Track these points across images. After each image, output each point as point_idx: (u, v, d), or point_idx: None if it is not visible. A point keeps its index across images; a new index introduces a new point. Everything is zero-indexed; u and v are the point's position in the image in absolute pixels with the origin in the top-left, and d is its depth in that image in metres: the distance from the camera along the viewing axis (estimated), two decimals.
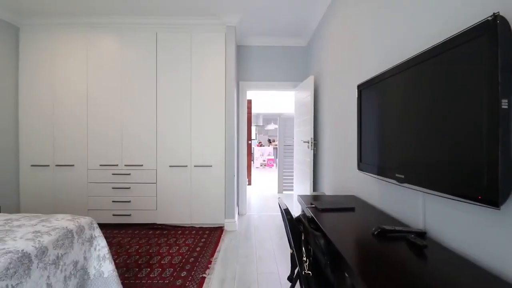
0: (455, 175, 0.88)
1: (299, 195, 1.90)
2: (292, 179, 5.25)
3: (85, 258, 1.55)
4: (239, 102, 3.78)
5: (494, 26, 0.74)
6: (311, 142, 2.94)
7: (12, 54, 3.08)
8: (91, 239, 1.60)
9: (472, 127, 0.81)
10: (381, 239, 1.12)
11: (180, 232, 2.96)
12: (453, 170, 0.89)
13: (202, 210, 3.12)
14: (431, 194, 1.05)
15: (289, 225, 1.16)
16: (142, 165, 3.11)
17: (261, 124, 11.50)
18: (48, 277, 1.26)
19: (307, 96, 3.08)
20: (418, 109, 1.08)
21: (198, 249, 2.52)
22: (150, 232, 2.95)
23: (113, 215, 3.11)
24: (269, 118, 12.69)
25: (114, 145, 3.12)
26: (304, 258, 1.14)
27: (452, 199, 0.90)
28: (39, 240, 1.27)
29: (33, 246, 1.21)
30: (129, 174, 3.11)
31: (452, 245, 1.03)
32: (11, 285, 1.07)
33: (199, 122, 3.11)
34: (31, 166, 3.14)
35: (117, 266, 1.99)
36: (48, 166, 3.13)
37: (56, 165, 3.12)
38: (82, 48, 3.12)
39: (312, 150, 2.95)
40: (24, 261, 1.15)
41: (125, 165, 3.11)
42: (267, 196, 5.09)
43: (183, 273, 2.07)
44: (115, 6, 2.86)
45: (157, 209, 3.12)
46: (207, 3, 2.78)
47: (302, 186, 3.29)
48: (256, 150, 10.23)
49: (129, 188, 3.11)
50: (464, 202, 0.87)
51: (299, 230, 1.22)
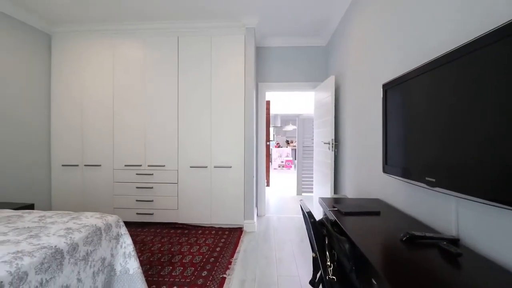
0: (494, 179, 0.82)
1: (321, 198, 1.86)
2: (312, 181, 5.17)
3: (112, 255, 1.61)
4: (258, 104, 3.78)
5: None
6: (332, 144, 2.87)
7: (45, 61, 3.29)
8: (118, 237, 1.66)
9: None
10: (411, 246, 1.06)
11: (200, 232, 3.00)
12: (492, 174, 0.83)
13: (222, 211, 3.14)
14: (466, 199, 0.98)
15: (313, 229, 1.13)
16: (164, 166, 3.20)
17: (279, 125, 11.44)
18: (79, 273, 1.32)
19: (328, 97, 3.02)
20: (454, 108, 1.02)
21: (218, 249, 2.55)
22: (172, 231, 3.02)
23: (137, 214, 3.22)
24: (287, 119, 12.61)
25: (138, 146, 3.23)
26: (328, 263, 1.11)
27: (491, 205, 0.84)
28: (71, 237, 1.33)
29: (65, 243, 1.28)
30: (152, 174, 3.21)
31: (490, 254, 0.96)
32: (45, 279, 1.14)
33: (219, 124, 3.15)
34: (62, 166, 3.32)
35: (141, 264, 2.05)
36: (77, 166, 3.30)
37: (85, 165, 3.28)
38: (109, 54, 3.26)
39: (333, 152, 2.89)
40: (57, 257, 1.21)
41: (148, 166, 3.21)
42: (286, 198, 5.05)
43: (204, 273, 2.09)
44: (139, 13, 2.97)
45: (178, 209, 3.19)
46: (227, 6, 2.81)
47: (322, 188, 3.23)
48: (274, 151, 10.19)
49: (152, 188, 3.20)
50: (504, 209, 0.81)
51: (323, 234, 1.20)
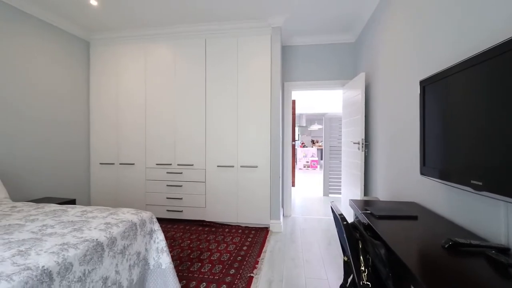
0: None
1: (352, 200, 1.79)
2: (339, 182, 5.03)
3: (146, 250, 1.68)
4: (284, 103, 3.75)
5: None
6: (362, 144, 2.77)
7: (84, 66, 3.54)
8: (151, 232, 1.73)
9: None
10: (454, 253, 0.99)
11: (227, 230, 3.04)
12: None
13: (248, 210, 3.16)
14: None
15: (346, 232, 1.10)
16: (193, 165, 3.29)
17: (304, 125, 11.27)
18: (117, 265, 1.40)
19: (357, 95, 2.91)
20: (508, 104, 0.93)
21: (245, 248, 2.56)
22: (200, 229, 3.10)
23: (167, 211, 3.35)
24: (313, 118, 12.39)
25: (168, 146, 3.35)
26: (362, 268, 1.07)
27: None
28: (110, 231, 1.41)
29: (105, 236, 1.36)
30: (181, 173, 3.31)
31: None
32: (88, 270, 1.22)
33: (245, 124, 3.17)
34: (100, 164, 3.55)
35: (172, 259, 2.12)
36: (113, 164, 3.51)
37: (120, 164, 3.48)
38: (141, 57, 3.43)
39: (363, 152, 2.78)
40: (98, 249, 1.29)
41: (178, 165, 3.32)
42: (312, 199, 4.96)
43: (232, 271, 2.12)
44: (169, 17, 3.08)
45: (206, 207, 3.26)
46: (253, 7, 2.82)
47: (351, 190, 3.12)
48: (299, 151, 10.06)
49: (181, 186, 3.31)
50: None
51: (356, 238, 1.15)
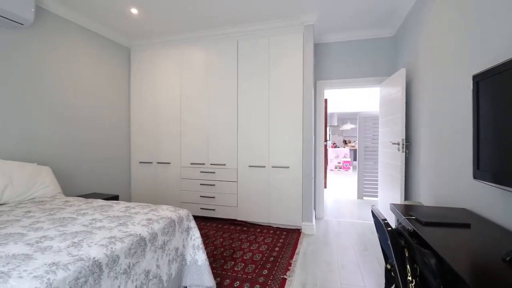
0: None
1: (393, 204, 1.69)
2: (375, 184, 4.79)
3: (184, 246, 1.74)
4: (316, 102, 3.67)
5: None
6: (402, 144, 2.60)
7: (126, 71, 3.78)
8: (188, 230, 1.79)
9: None
10: None
11: (259, 230, 3.05)
12: None
13: (279, 211, 3.14)
14: None
15: (391, 239, 1.03)
16: (225, 165, 3.35)
17: (336, 124, 10.93)
18: (157, 259, 1.47)
19: (397, 92, 2.74)
20: None
21: (277, 249, 2.55)
22: (232, 227, 3.15)
23: (200, 209, 3.45)
24: (345, 118, 11.98)
25: (202, 146, 3.45)
26: (409, 278, 0.99)
27: None
28: (151, 227, 1.49)
29: (147, 232, 1.43)
30: (214, 173, 3.39)
31: None
32: (132, 263, 1.29)
33: (277, 124, 3.15)
34: (139, 163, 3.77)
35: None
36: (151, 163, 3.70)
37: (157, 162, 3.66)
38: (176, 61, 3.57)
39: (404, 153, 2.61)
40: (141, 244, 1.36)
41: (211, 164, 3.41)
42: (345, 201, 4.79)
43: (265, 271, 2.11)
44: (203, 22, 3.16)
45: (238, 206, 3.30)
46: (286, 6, 2.79)
47: (389, 193, 2.95)
48: (330, 152, 9.78)
49: (214, 185, 3.39)
50: None
51: (402, 245, 1.08)
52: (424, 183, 2.35)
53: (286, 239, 2.82)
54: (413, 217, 1.41)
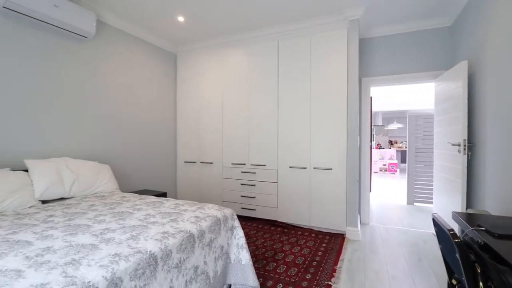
0: None
1: (456, 213, 1.51)
2: (428, 189, 4.38)
3: (228, 244, 1.78)
4: (361, 101, 3.47)
5: None
6: (464, 145, 2.32)
7: (172, 76, 4.02)
8: (232, 229, 1.83)
9: None
10: None
11: (300, 233, 2.99)
12: None
13: (321, 214, 3.04)
14: None
15: (460, 252, 0.91)
16: (265, 165, 3.36)
17: (381, 124, 10.26)
18: (205, 256, 1.52)
19: (457, 87, 2.46)
20: None
21: (320, 254, 2.46)
22: (272, 228, 3.14)
23: (241, 208, 3.50)
24: (391, 117, 11.20)
25: (242, 146, 3.51)
26: None
27: None
28: (199, 224, 1.54)
29: (196, 229, 1.49)
30: (254, 173, 3.42)
31: None
32: (183, 258, 1.35)
33: (319, 124, 3.06)
34: (184, 162, 3.98)
35: None
36: (195, 163, 3.88)
37: (201, 162, 3.82)
38: (217, 64, 3.69)
39: (466, 155, 2.33)
40: (191, 240, 1.42)
41: (251, 164, 3.44)
42: (392, 207, 4.45)
43: (308, 276, 2.06)
44: (244, 24, 3.21)
45: (278, 207, 3.28)
46: (328, 2, 2.69)
47: (448, 200, 2.66)
48: (375, 153, 9.21)
49: (254, 185, 3.42)
50: None
51: (472, 259, 0.95)
52: (491, 190, 2.07)
53: (329, 244, 2.71)
54: (483, 228, 1.24)
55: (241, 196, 3.51)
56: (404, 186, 4.76)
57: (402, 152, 9.97)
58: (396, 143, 10.78)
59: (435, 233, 1.28)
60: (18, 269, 0.96)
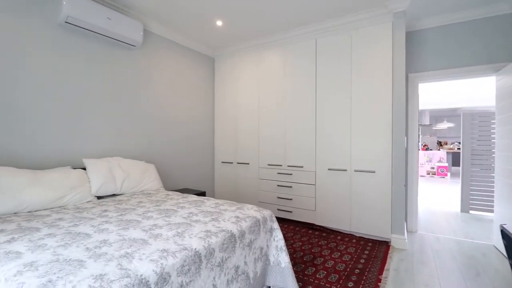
0: None
1: None
2: (487, 196, 3.92)
3: (267, 246, 1.77)
4: (408, 99, 3.22)
5: None
6: None
7: (211, 79, 4.15)
8: (271, 230, 1.81)
9: None
10: None
11: (340, 238, 2.87)
12: None
13: (363, 219, 2.88)
14: None
15: None
16: (302, 167, 3.29)
17: (428, 123, 9.46)
18: (245, 256, 1.52)
19: None
20: None
21: (363, 262, 2.33)
22: (310, 232, 3.06)
23: (278, 210, 3.48)
24: (440, 115, 10.29)
25: (279, 148, 3.48)
26: None
27: None
28: (240, 225, 1.55)
29: (237, 229, 1.50)
30: (291, 174, 3.37)
31: None
32: (225, 257, 1.36)
33: (361, 124, 2.90)
34: (221, 163, 4.07)
35: None
36: (232, 163, 3.95)
37: (237, 163, 3.88)
38: (254, 66, 3.71)
39: None
40: (232, 240, 1.44)
41: (288, 166, 3.40)
42: (444, 214, 4.06)
43: (350, 284, 1.96)
44: (280, 24, 3.19)
45: (316, 210, 3.19)
46: None
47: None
48: (421, 155, 8.51)
49: (291, 187, 3.37)
50: None
51: None
52: None
53: (372, 251, 2.56)
54: None
55: (278, 198, 3.49)
56: (457, 192, 4.31)
57: (454, 154, 9.07)
58: (446, 144, 9.85)
59: (504, 246, 1.12)
60: (80, 259, 1.06)
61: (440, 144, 9.84)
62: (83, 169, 2.30)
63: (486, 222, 3.59)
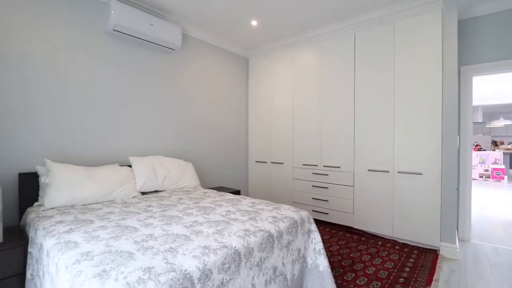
0: None
1: None
2: None
3: (305, 248, 1.72)
4: (460, 94, 2.92)
5: None
6: None
7: (245, 79, 4.18)
8: (309, 232, 1.76)
9: None
10: None
11: (381, 244, 2.70)
12: None
13: (407, 224, 2.68)
14: None
15: None
16: (339, 167, 3.16)
17: (481, 121, 8.55)
18: (283, 257, 1.50)
19: None
20: None
21: (408, 270, 2.17)
22: (348, 235, 2.93)
23: (313, 211, 3.39)
24: (495, 112, 9.25)
25: (314, 147, 3.39)
26: None
27: None
28: (278, 225, 1.53)
29: (275, 229, 1.48)
30: (327, 175, 3.26)
31: None
32: (263, 257, 1.35)
33: (405, 122, 2.70)
34: (255, 162, 4.09)
35: None
36: (266, 163, 3.94)
37: (271, 162, 3.86)
38: (288, 64, 3.66)
39: None
40: (270, 240, 1.42)
41: (324, 166, 3.29)
42: (501, 222, 3.62)
43: None
44: (315, 20, 3.09)
45: (354, 213, 3.04)
46: None
47: None
48: (473, 156, 7.70)
49: (327, 188, 3.26)
50: None
51: None
52: None
53: (418, 260, 2.36)
54: None
55: (313, 199, 3.40)
56: None
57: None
58: (502, 144, 8.81)
59: None
60: (130, 252, 1.12)
61: (496, 144, 8.83)
62: (129, 166, 2.46)
63: None
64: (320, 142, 3.34)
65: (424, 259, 2.37)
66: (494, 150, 8.18)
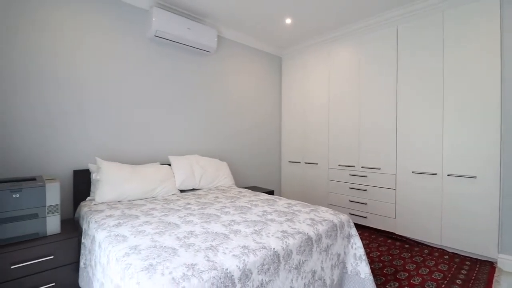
0: None
1: None
2: None
3: (345, 253, 1.65)
4: None
5: None
6: None
7: (278, 78, 4.15)
8: (349, 237, 1.68)
9: None
10: None
11: (427, 252, 2.49)
12: None
13: (458, 233, 2.44)
14: None
15: None
16: (380, 169, 2.98)
17: None
18: (322, 262, 1.45)
19: None
20: None
21: (459, 283, 1.97)
22: (389, 241, 2.75)
23: (350, 214, 3.24)
24: None
25: (352, 147, 3.24)
26: None
27: None
28: (316, 228, 1.48)
29: (313, 232, 1.44)
30: (366, 177, 3.10)
31: None
32: (302, 260, 1.32)
33: (455, 120, 2.46)
34: (288, 162, 4.04)
35: None
36: (299, 163, 3.87)
37: (305, 163, 3.78)
38: (323, 61, 3.55)
39: None
40: (309, 243, 1.38)
41: (362, 167, 3.14)
42: None
43: None
44: (352, 14, 2.95)
45: (396, 218, 2.85)
46: None
47: None
48: None
49: (366, 191, 3.10)
50: None
51: None
52: None
53: (472, 272, 2.13)
54: None
55: (350, 201, 3.25)
56: None
57: None
58: None
59: None
60: (173, 247, 1.16)
61: None
62: (168, 165, 2.57)
63: None
64: (358, 142, 3.19)
65: (479, 272, 2.14)
66: None
